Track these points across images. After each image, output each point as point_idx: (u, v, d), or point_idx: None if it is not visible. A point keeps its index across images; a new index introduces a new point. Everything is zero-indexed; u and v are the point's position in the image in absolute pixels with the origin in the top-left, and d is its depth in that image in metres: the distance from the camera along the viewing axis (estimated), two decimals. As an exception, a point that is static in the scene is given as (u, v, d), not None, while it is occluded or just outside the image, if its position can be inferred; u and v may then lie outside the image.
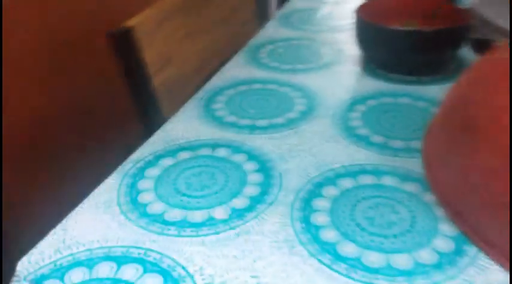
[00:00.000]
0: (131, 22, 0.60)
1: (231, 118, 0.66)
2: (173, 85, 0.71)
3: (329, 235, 0.46)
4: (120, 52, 0.59)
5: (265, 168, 0.56)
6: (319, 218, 0.48)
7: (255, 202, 0.50)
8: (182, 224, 0.47)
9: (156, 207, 0.50)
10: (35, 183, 1.36)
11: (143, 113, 0.64)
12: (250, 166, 0.56)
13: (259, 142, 0.61)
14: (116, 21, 1.51)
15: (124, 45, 0.59)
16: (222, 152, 0.59)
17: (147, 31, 0.62)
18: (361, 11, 0.78)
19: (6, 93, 1.21)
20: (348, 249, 0.44)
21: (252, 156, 0.58)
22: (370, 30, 0.74)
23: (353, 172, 0.54)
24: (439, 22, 0.77)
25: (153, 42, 0.64)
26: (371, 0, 0.80)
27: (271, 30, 0.97)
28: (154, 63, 0.64)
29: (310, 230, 0.46)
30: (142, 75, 0.62)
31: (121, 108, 1.63)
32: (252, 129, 0.63)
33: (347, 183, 0.53)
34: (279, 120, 0.65)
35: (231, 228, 0.47)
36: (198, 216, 0.49)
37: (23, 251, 0.44)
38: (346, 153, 0.58)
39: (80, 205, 0.50)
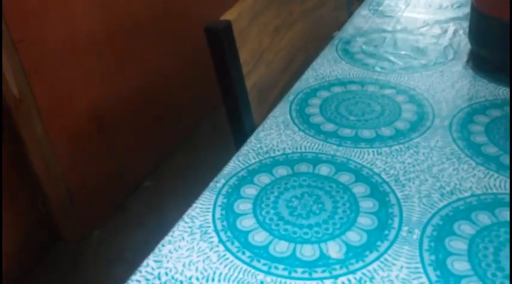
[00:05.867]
0: (229, 16, 0.53)
1: (330, 127, 0.58)
2: (262, 86, 0.64)
3: (474, 289, 0.38)
4: (217, 49, 0.52)
5: (378, 192, 0.48)
6: (457, 265, 0.40)
7: (374, 237, 0.43)
8: (291, 262, 0.41)
9: (259, 237, 0.43)
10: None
11: (235, 117, 0.57)
12: (359, 189, 0.48)
13: (367, 158, 0.53)
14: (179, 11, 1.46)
15: (223, 41, 0.51)
16: (324, 170, 0.51)
17: (243, 26, 0.55)
18: (478, 0, 0.67)
19: (70, 85, 1.18)
20: (500, 310, 0.36)
21: (360, 177, 0.50)
22: (491, 26, 0.63)
23: (488, 204, 0.45)
24: None
25: (247, 39, 0.57)
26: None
27: (360, 19, 0.87)
28: (247, 62, 0.57)
29: (449, 280, 0.38)
30: (237, 75, 0.55)
31: (190, 103, 1.59)
32: (356, 141, 0.55)
33: (483, 218, 0.44)
34: (386, 131, 0.57)
35: (350, 272, 0.40)
36: (308, 252, 0.42)
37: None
38: (474, 177, 0.49)
39: (173, 229, 0.45)
